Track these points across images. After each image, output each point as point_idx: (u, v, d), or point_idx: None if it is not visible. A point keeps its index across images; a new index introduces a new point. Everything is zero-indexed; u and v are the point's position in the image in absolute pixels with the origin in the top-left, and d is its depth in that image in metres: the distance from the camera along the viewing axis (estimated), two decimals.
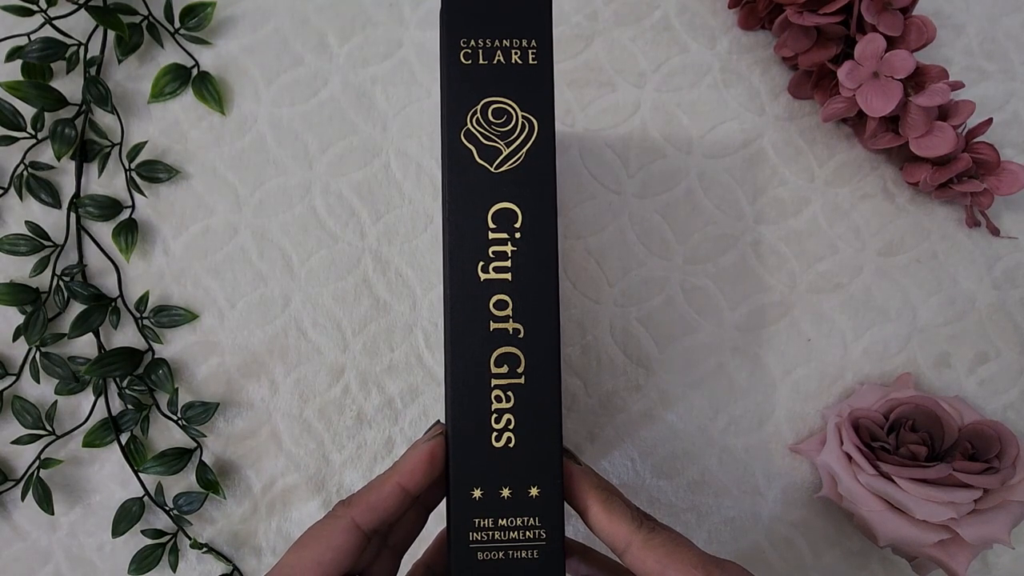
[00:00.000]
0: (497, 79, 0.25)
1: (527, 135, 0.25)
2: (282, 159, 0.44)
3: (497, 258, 0.25)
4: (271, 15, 0.45)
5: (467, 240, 0.25)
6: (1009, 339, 0.43)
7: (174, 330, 0.42)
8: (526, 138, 0.25)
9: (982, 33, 0.46)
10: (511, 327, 0.25)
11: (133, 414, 0.41)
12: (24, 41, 0.41)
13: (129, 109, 0.43)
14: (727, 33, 0.45)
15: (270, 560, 0.42)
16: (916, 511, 0.36)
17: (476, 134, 0.25)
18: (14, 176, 0.42)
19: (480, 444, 0.25)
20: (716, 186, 0.44)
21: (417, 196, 0.44)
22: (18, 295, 0.41)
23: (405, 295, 0.43)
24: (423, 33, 0.45)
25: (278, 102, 0.44)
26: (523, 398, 0.25)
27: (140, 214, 0.43)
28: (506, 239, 0.25)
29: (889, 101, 0.38)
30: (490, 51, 0.25)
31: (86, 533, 0.42)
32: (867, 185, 0.44)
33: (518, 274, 0.25)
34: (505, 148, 0.25)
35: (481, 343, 0.25)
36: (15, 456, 0.42)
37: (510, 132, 0.25)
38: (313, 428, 0.42)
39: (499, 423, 0.25)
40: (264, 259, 0.43)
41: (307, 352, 0.43)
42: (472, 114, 0.25)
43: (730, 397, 0.43)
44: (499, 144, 0.25)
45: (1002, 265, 0.44)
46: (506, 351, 0.25)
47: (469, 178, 0.25)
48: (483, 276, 0.25)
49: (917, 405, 0.39)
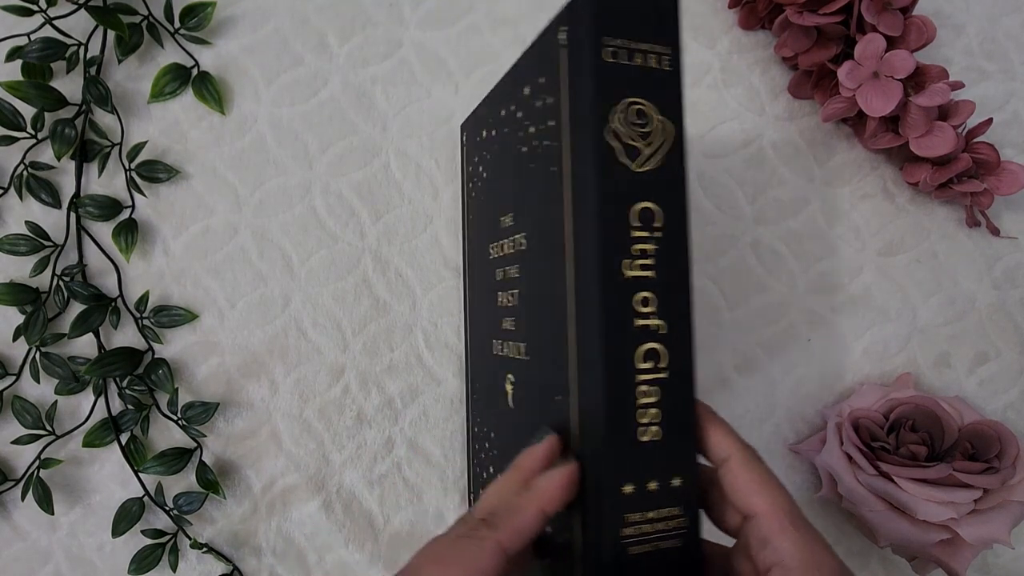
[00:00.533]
0: (639, 81, 0.26)
1: (665, 138, 0.26)
2: (282, 159, 0.44)
3: (641, 256, 0.25)
4: (271, 15, 0.45)
5: (611, 237, 0.25)
6: (1009, 339, 0.43)
7: (174, 330, 0.42)
8: (664, 141, 0.26)
9: (982, 33, 0.46)
10: (654, 323, 0.25)
11: (133, 414, 0.41)
12: (24, 41, 0.41)
13: (129, 109, 0.43)
14: (727, 33, 0.45)
15: (270, 560, 0.42)
16: (916, 511, 0.36)
17: (619, 133, 0.25)
18: (14, 176, 0.42)
19: (627, 440, 0.25)
20: (716, 186, 0.44)
21: (417, 196, 0.44)
22: (18, 295, 0.41)
23: (405, 295, 0.43)
24: (423, 33, 0.45)
25: (278, 102, 0.44)
26: (667, 392, 0.25)
27: (140, 214, 0.43)
28: (648, 237, 0.25)
29: (889, 101, 0.38)
30: (632, 53, 0.26)
31: (86, 533, 0.42)
32: (867, 185, 0.44)
33: (660, 271, 0.25)
34: (645, 148, 0.26)
35: (625, 340, 0.25)
36: (15, 456, 0.42)
37: (649, 134, 0.26)
38: (313, 428, 0.42)
39: (644, 418, 0.25)
40: (264, 259, 0.43)
41: (307, 352, 0.43)
42: (615, 112, 0.25)
43: (730, 397, 0.43)
44: (640, 144, 0.25)
45: (1002, 265, 0.44)
46: (650, 347, 0.25)
47: (613, 176, 0.25)
48: (628, 273, 0.25)
49: (917, 405, 0.39)
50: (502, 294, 0.34)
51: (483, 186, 0.37)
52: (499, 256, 0.35)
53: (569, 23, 0.26)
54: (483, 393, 0.37)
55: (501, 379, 0.34)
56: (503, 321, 0.34)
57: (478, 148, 0.38)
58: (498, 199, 0.35)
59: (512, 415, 0.33)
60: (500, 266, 0.34)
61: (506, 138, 0.33)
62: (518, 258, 0.32)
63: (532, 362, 0.31)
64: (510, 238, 0.33)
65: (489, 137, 0.36)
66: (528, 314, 0.31)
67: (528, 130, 0.30)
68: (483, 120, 0.37)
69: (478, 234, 0.38)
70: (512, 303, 0.33)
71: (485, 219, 0.37)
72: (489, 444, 0.37)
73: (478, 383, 0.38)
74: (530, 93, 0.30)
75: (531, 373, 0.31)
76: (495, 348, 0.35)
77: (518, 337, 0.32)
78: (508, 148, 0.33)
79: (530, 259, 0.30)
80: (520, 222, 0.31)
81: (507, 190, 0.33)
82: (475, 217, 0.39)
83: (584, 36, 0.25)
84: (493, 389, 0.36)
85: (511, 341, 0.33)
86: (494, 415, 0.36)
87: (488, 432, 0.37)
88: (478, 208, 0.39)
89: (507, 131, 0.33)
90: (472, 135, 0.40)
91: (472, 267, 0.40)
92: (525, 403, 0.32)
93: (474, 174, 0.39)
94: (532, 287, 0.30)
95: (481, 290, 0.37)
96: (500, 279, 0.34)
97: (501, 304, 0.34)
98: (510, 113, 0.32)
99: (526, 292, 0.31)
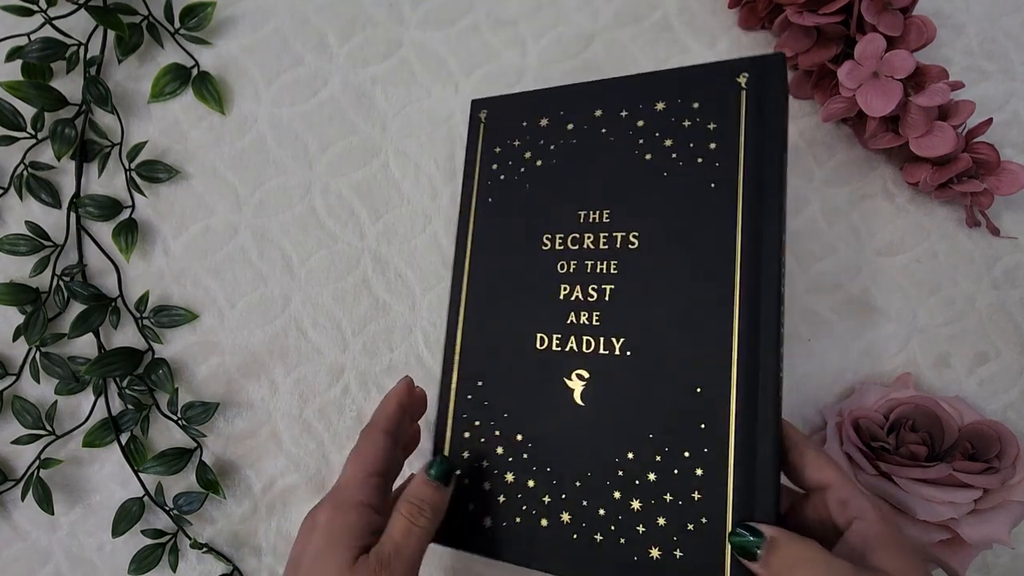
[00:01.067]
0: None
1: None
2: (282, 159, 0.44)
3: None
4: (271, 15, 0.45)
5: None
6: (1009, 339, 0.43)
7: (174, 330, 0.42)
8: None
9: (982, 33, 0.46)
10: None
11: (133, 414, 0.41)
12: (24, 41, 0.41)
13: (129, 109, 0.43)
14: (727, 33, 0.45)
15: (270, 560, 0.42)
16: (916, 511, 0.36)
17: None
18: (14, 176, 0.42)
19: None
20: None
21: (416, 196, 0.44)
22: (18, 295, 0.41)
23: (404, 295, 0.43)
24: (423, 33, 0.45)
25: (278, 102, 0.44)
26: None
27: (140, 214, 0.43)
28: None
29: (889, 101, 0.38)
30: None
31: (86, 533, 0.42)
32: (867, 185, 0.44)
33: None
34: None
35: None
36: (15, 456, 0.42)
37: None
38: (313, 428, 0.42)
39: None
40: (264, 259, 0.43)
41: (307, 352, 0.43)
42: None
43: None
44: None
45: (1002, 265, 0.44)
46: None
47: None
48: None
49: (917, 405, 0.39)
50: (572, 287, 0.34)
51: (534, 173, 0.37)
52: (568, 249, 0.35)
53: (751, 71, 0.33)
54: (502, 390, 0.35)
55: (555, 376, 0.33)
56: (572, 315, 0.34)
57: (528, 133, 0.37)
58: (574, 191, 0.35)
59: (582, 413, 0.32)
60: (570, 259, 0.35)
61: (603, 137, 0.35)
62: (619, 255, 0.33)
63: (638, 358, 0.32)
64: (602, 233, 0.34)
65: (558, 128, 0.37)
66: (636, 310, 0.32)
67: (663, 142, 0.34)
68: (542, 108, 0.37)
69: (512, 222, 0.37)
70: (597, 297, 0.33)
71: (533, 208, 0.36)
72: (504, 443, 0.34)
73: (490, 379, 0.35)
74: (668, 110, 0.34)
75: (634, 368, 0.32)
76: (544, 343, 0.34)
77: (610, 331, 0.33)
78: (608, 147, 0.35)
79: (644, 258, 0.33)
80: (624, 221, 0.34)
81: (596, 185, 0.35)
82: (504, 203, 0.37)
83: (771, 87, 0.32)
84: (532, 386, 0.34)
85: (590, 336, 0.33)
86: (529, 413, 0.34)
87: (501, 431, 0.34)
88: (514, 194, 0.37)
89: (605, 131, 0.35)
90: (511, 118, 0.38)
91: (489, 256, 0.37)
92: (613, 399, 0.32)
93: (508, 157, 0.38)
94: (648, 284, 0.32)
95: (515, 281, 0.36)
96: (568, 271, 0.34)
97: (571, 298, 0.34)
98: (618, 118, 0.35)
99: (634, 288, 0.33)
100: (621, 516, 0.31)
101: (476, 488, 0.34)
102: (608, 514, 0.31)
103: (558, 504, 0.32)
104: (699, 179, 0.32)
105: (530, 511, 0.32)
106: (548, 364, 0.34)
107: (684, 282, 0.32)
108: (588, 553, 0.31)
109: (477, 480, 0.34)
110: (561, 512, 0.32)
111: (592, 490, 0.31)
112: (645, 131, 0.34)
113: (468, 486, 0.34)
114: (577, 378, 0.33)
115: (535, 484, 0.33)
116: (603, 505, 0.31)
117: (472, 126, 0.39)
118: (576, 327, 0.34)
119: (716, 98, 0.33)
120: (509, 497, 0.33)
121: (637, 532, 0.30)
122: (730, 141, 0.32)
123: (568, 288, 0.34)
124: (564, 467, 0.32)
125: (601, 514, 0.31)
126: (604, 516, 0.31)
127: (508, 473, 0.33)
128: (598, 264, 0.34)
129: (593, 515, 0.31)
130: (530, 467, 0.33)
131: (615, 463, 0.31)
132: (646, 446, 0.31)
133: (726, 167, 0.32)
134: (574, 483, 0.32)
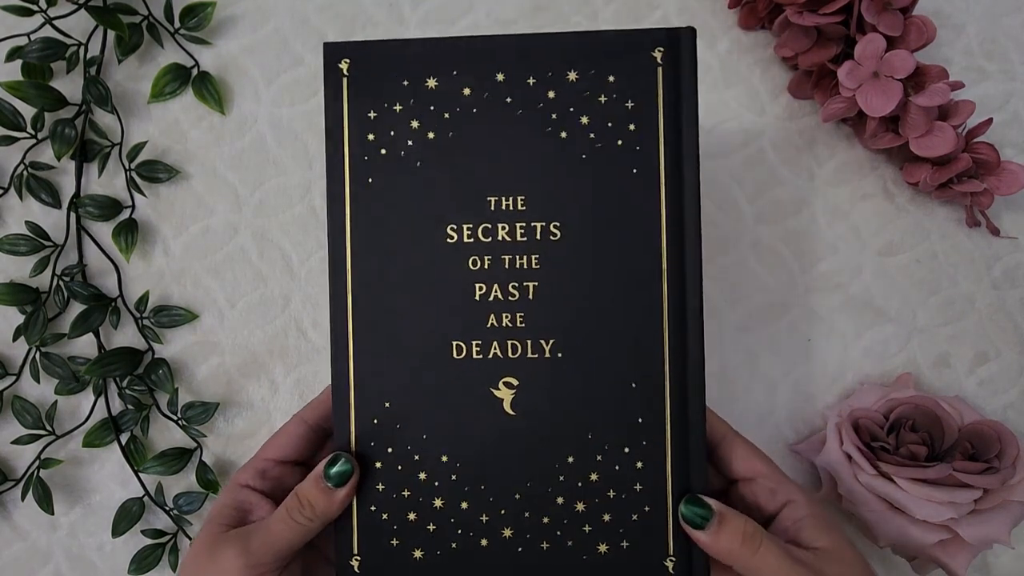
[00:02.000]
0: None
1: None
2: (282, 159, 0.44)
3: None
4: (271, 15, 0.45)
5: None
6: (1009, 339, 0.43)
7: (174, 330, 0.42)
8: None
9: (982, 33, 0.46)
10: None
11: (133, 414, 0.41)
12: (24, 41, 0.41)
13: (129, 109, 0.43)
14: (727, 33, 0.45)
15: None
16: (916, 511, 0.36)
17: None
18: (14, 176, 0.42)
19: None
20: (716, 186, 0.44)
21: None
22: (18, 295, 0.41)
23: None
24: (423, 33, 0.45)
25: (278, 102, 0.44)
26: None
27: (140, 214, 0.43)
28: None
29: (889, 101, 0.38)
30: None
31: (86, 533, 0.42)
32: (867, 185, 0.44)
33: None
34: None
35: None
36: (15, 456, 0.42)
37: None
38: None
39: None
40: (264, 259, 0.43)
41: (307, 352, 0.43)
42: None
43: (730, 397, 0.43)
44: None
45: (1002, 265, 0.44)
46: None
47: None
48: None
49: (917, 405, 0.39)
50: (488, 286, 0.31)
51: (426, 148, 0.31)
52: (480, 241, 0.31)
53: (666, 46, 0.30)
54: (416, 410, 0.31)
55: (480, 387, 0.30)
56: (493, 317, 0.30)
57: (413, 96, 0.31)
58: (480, 172, 0.31)
59: (514, 423, 0.30)
60: (483, 253, 0.30)
61: (509, 109, 0.31)
62: (540, 248, 0.30)
63: (570, 359, 0.30)
64: (518, 223, 0.31)
65: (452, 93, 0.31)
66: (563, 308, 0.30)
67: (579, 119, 0.30)
68: (428, 64, 0.31)
69: (404, 210, 0.31)
70: (519, 296, 0.30)
71: (431, 192, 0.31)
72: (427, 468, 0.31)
73: (399, 400, 0.30)
74: (581, 82, 0.30)
75: (566, 370, 0.30)
76: (462, 351, 0.31)
77: (537, 334, 0.30)
78: (517, 121, 0.31)
79: (566, 250, 0.30)
80: (542, 209, 0.30)
81: (507, 166, 0.31)
82: (390, 185, 0.31)
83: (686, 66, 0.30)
84: (454, 401, 0.30)
85: (515, 340, 0.30)
86: (452, 431, 0.30)
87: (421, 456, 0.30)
88: (402, 175, 0.31)
89: (511, 101, 0.31)
90: (386, 74, 0.31)
91: (379, 253, 0.31)
92: (547, 404, 0.30)
93: (388, 125, 0.31)
94: (574, 279, 0.30)
95: (416, 283, 0.31)
96: (482, 268, 0.30)
97: (489, 299, 0.30)
98: (525, 85, 0.31)
99: (559, 284, 0.30)
100: (567, 520, 0.30)
101: (399, 521, 0.30)
102: (553, 521, 0.30)
103: (498, 521, 0.30)
104: (621, 164, 0.30)
105: (467, 534, 0.30)
106: (470, 375, 0.30)
107: (611, 276, 0.30)
108: (536, 562, 0.30)
109: (399, 513, 0.30)
110: (502, 528, 0.30)
111: (534, 500, 0.30)
112: (558, 105, 0.30)
113: (388, 520, 0.30)
114: (505, 387, 0.30)
115: (469, 505, 0.30)
116: (546, 514, 0.30)
117: (331, 80, 0.31)
118: (498, 331, 0.30)
119: (633, 73, 0.30)
120: (440, 524, 0.30)
121: (584, 532, 0.30)
122: (650, 123, 0.30)
123: (484, 288, 0.30)
124: (500, 482, 0.30)
125: (546, 522, 0.30)
126: (549, 524, 0.30)
127: (436, 499, 0.30)
128: (516, 259, 0.30)
129: (537, 525, 0.30)
130: (461, 488, 0.30)
131: (555, 469, 0.30)
132: (585, 447, 0.30)
133: (647, 152, 0.30)
134: (513, 496, 0.30)
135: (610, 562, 0.30)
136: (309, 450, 0.33)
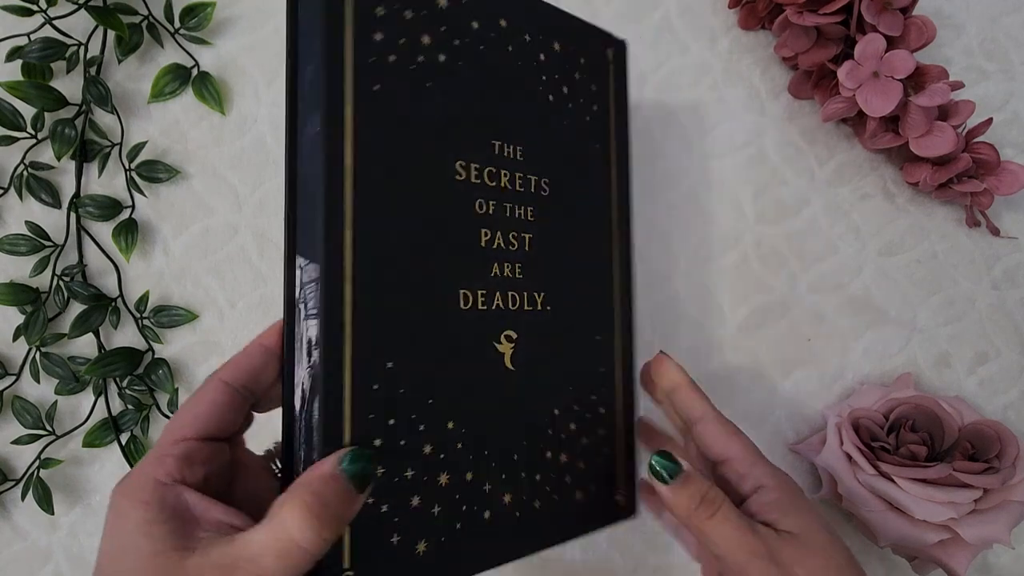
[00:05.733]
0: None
1: None
2: (282, 159, 0.44)
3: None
4: (271, 15, 0.45)
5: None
6: (1009, 339, 0.43)
7: (174, 330, 0.42)
8: None
9: (982, 33, 0.46)
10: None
11: (133, 414, 0.41)
12: (24, 41, 0.41)
13: (129, 109, 0.43)
14: (727, 33, 0.45)
15: None
16: (916, 511, 0.36)
17: None
18: (14, 176, 0.42)
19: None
20: (716, 186, 0.44)
21: None
22: (18, 295, 0.41)
23: None
24: None
25: (278, 102, 0.44)
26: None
27: (140, 214, 0.43)
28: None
29: (889, 101, 0.38)
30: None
31: (86, 533, 0.42)
32: (867, 185, 0.44)
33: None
34: None
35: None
36: (15, 456, 0.42)
37: None
38: None
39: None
40: (264, 259, 0.43)
41: None
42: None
43: (730, 397, 0.43)
44: None
45: (1002, 265, 0.44)
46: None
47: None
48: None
49: (917, 405, 0.39)
50: (493, 233, 0.28)
51: (437, 71, 0.27)
52: (486, 185, 0.28)
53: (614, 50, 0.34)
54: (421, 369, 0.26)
55: (484, 340, 0.28)
56: (496, 266, 0.28)
57: (425, 7, 0.27)
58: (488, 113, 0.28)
59: (513, 378, 0.28)
60: (488, 198, 0.28)
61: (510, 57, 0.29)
62: (533, 199, 0.30)
63: (555, 312, 0.31)
64: (518, 173, 0.29)
65: (461, 21, 0.28)
66: (551, 262, 0.31)
67: (561, 88, 0.32)
68: None
69: (412, 131, 0.26)
70: (518, 247, 0.29)
71: (441, 119, 0.27)
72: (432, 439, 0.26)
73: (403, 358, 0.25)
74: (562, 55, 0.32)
75: (553, 324, 0.30)
76: (468, 301, 0.27)
77: (532, 286, 0.29)
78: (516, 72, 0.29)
79: (553, 207, 0.31)
80: (536, 164, 0.30)
81: (509, 114, 0.29)
82: (397, 98, 0.26)
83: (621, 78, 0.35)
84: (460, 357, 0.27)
85: (515, 291, 0.29)
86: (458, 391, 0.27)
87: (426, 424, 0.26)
88: (412, 90, 0.26)
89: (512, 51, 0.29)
90: None
91: (386, 176, 0.25)
92: (539, 359, 0.29)
93: (398, 32, 0.26)
94: (558, 235, 0.31)
95: (425, 219, 0.26)
96: (487, 213, 0.28)
97: (494, 246, 0.28)
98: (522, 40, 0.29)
99: (548, 239, 0.30)
100: (554, 474, 0.30)
101: (402, 511, 0.25)
102: (543, 478, 0.29)
103: (499, 487, 0.27)
104: (589, 136, 0.33)
105: (471, 508, 0.26)
106: (475, 327, 0.27)
107: (581, 237, 0.32)
108: (532, 525, 0.28)
109: (401, 500, 0.25)
110: (503, 495, 0.28)
111: (528, 459, 0.29)
112: (547, 69, 0.31)
113: (388, 513, 0.25)
114: (506, 340, 0.28)
115: (474, 475, 0.27)
116: (538, 471, 0.29)
117: None
118: (501, 281, 0.28)
119: (596, 63, 0.34)
120: (445, 504, 0.26)
121: (566, 483, 0.30)
122: (604, 108, 0.34)
123: (489, 234, 0.28)
124: (500, 444, 0.28)
125: (538, 479, 0.29)
126: (540, 481, 0.29)
127: (442, 474, 0.26)
128: (516, 208, 0.29)
129: (532, 484, 0.29)
130: (467, 457, 0.26)
131: (545, 424, 0.30)
132: (567, 399, 0.31)
133: (602, 133, 0.34)
134: (512, 457, 0.28)
135: (581, 507, 0.31)
136: (236, 422, 0.26)
